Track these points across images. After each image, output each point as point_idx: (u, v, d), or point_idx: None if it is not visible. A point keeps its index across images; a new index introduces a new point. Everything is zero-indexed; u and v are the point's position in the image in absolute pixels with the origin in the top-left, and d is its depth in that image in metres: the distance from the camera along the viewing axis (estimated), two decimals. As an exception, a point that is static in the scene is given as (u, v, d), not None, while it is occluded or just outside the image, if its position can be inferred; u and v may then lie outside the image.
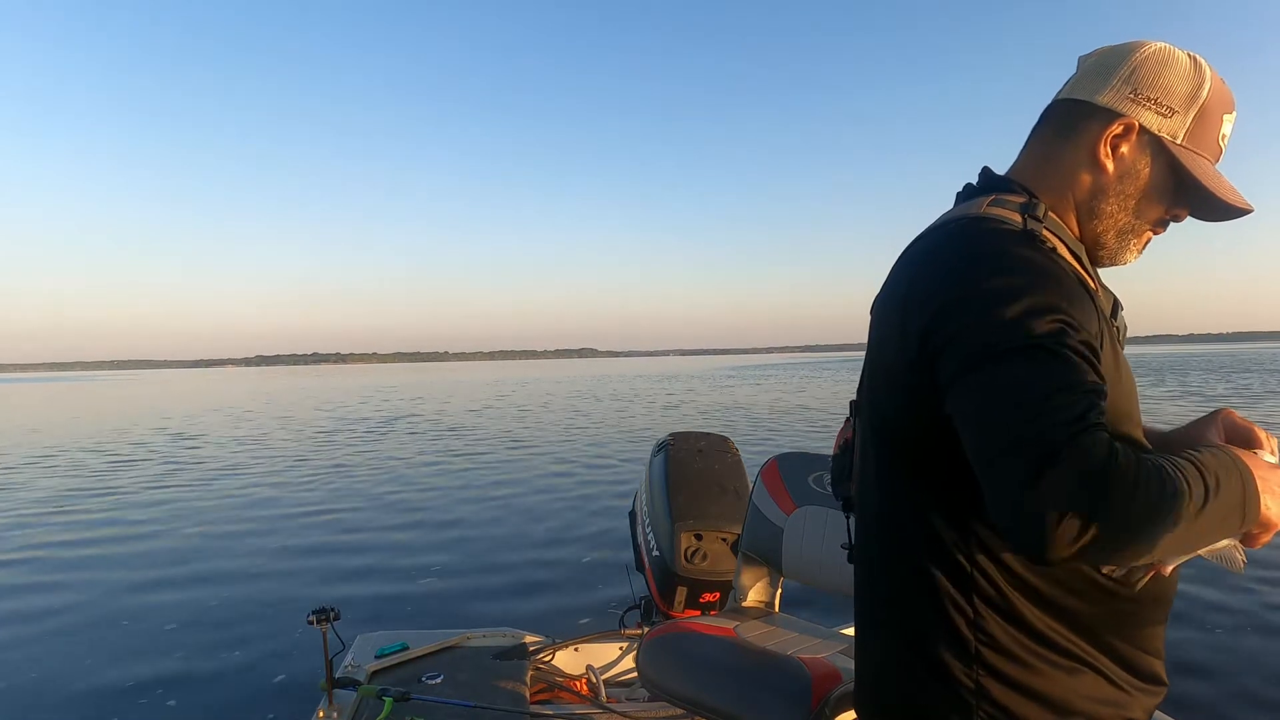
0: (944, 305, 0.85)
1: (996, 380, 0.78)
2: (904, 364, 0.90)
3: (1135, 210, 0.96)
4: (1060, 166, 0.97)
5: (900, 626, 0.97)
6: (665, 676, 1.82)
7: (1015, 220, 0.91)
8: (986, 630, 0.89)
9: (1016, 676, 0.89)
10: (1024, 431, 0.75)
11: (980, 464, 0.79)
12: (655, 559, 2.70)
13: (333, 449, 13.94)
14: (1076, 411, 0.75)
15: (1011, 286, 0.81)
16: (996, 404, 0.78)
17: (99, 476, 11.07)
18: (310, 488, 9.73)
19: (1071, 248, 0.94)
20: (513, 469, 11.06)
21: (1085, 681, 0.90)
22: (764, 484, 2.27)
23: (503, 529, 7.19)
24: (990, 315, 0.80)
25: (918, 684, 0.95)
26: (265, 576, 5.70)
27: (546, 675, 2.59)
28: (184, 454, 13.68)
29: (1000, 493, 0.76)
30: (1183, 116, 0.92)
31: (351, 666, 2.43)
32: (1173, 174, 0.94)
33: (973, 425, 0.80)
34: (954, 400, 0.83)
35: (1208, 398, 20.95)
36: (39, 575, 5.88)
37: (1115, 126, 0.93)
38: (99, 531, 7.40)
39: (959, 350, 0.82)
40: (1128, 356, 1.00)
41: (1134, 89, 0.93)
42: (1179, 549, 0.82)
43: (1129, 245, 0.98)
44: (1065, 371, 0.77)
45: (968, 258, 0.87)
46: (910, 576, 0.94)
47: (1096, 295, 0.92)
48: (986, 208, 0.93)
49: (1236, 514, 0.81)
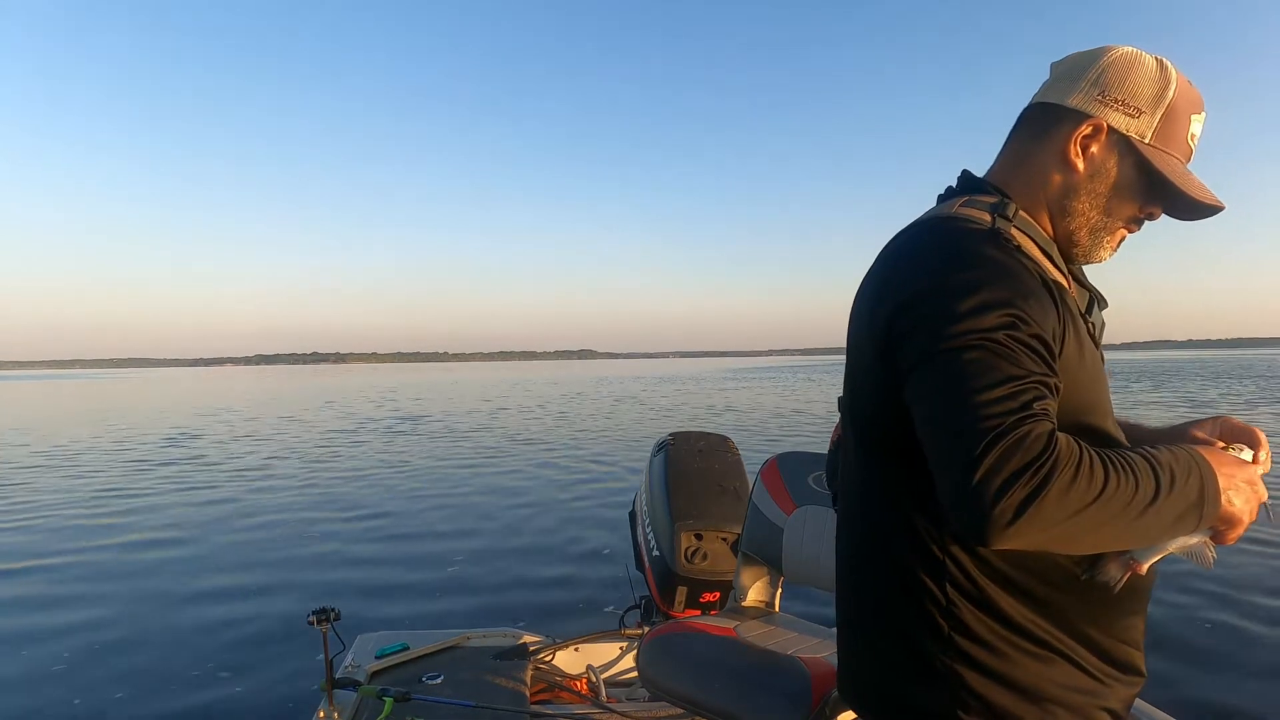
0: (906, 299, 0.89)
1: (947, 371, 0.82)
2: (873, 357, 0.94)
3: (1106, 208, 0.99)
4: (1033, 167, 1.01)
5: (877, 616, 1.00)
6: (665, 676, 1.82)
7: (984, 220, 0.94)
8: (960, 619, 0.92)
9: (991, 664, 0.91)
10: (967, 418, 0.79)
11: (929, 450, 0.84)
12: (655, 559, 2.70)
13: (332, 449, 13.93)
14: (1019, 402, 0.79)
15: (969, 282, 0.85)
16: (944, 393, 0.82)
17: (98, 475, 11.05)
18: (310, 488, 9.72)
19: (1042, 246, 0.98)
20: (512, 469, 11.06)
21: (1059, 670, 0.92)
22: (764, 484, 2.27)
23: (503, 529, 7.19)
24: (946, 309, 0.84)
25: (895, 672, 0.97)
26: (265, 576, 5.69)
27: (547, 675, 2.59)
28: (185, 453, 13.66)
29: (944, 476, 0.81)
30: (1150, 117, 0.95)
31: (352, 667, 2.43)
32: (1142, 172, 0.96)
33: (925, 415, 0.85)
34: (910, 390, 0.87)
35: (1197, 403, 20.92)
36: (39, 571, 5.88)
37: (1084, 127, 0.97)
38: (99, 531, 7.39)
39: (916, 342, 0.87)
40: (1125, 360, 1.01)
41: (1102, 91, 0.96)
42: (1134, 542, 0.85)
43: (1102, 242, 1.01)
44: (1011, 364, 0.81)
45: (931, 254, 0.91)
46: (885, 566, 0.98)
47: (1066, 292, 0.94)
48: (958, 208, 0.98)
49: (1194, 511, 0.84)
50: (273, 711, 3.46)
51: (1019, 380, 0.80)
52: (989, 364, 0.81)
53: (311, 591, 5.29)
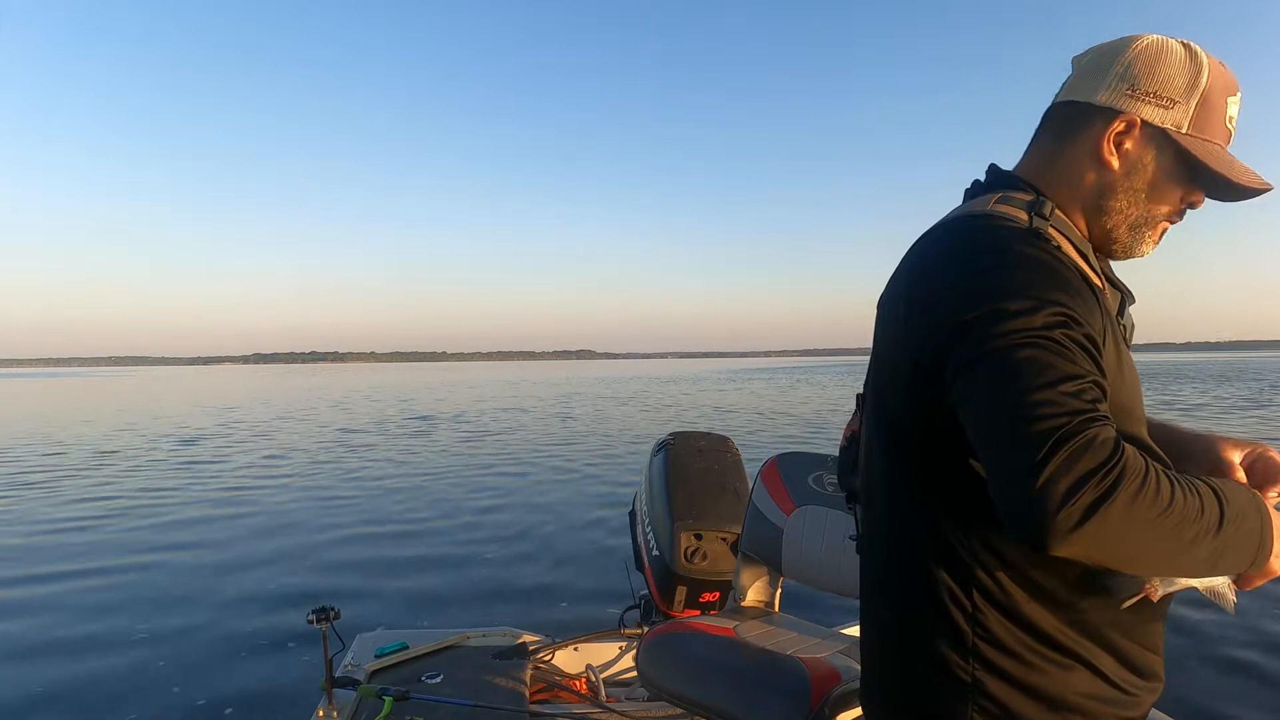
0: (949, 301, 0.85)
1: (1001, 371, 0.79)
2: (908, 360, 0.90)
3: (1146, 203, 0.96)
4: (1065, 167, 0.98)
5: (902, 620, 0.98)
6: (665, 676, 1.82)
7: (1021, 218, 0.92)
8: (985, 626, 0.90)
9: (1014, 672, 0.89)
10: (1030, 418, 0.75)
11: (987, 451, 0.80)
12: (655, 558, 2.70)
13: (332, 449, 13.93)
14: (1084, 401, 0.76)
15: (1016, 282, 0.82)
16: (1003, 395, 0.78)
17: (97, 475, 11.05)
18: (309, 487, 9.71)
19: (1078, 246, 0.95)
20: (512, 468, 11.06)
21: (1082, 679, 0.90)
22: (764, 484, 2.27)
23: (502, 528, 7.19)
24: (996, 308, 0.81)
25: (917, 677, 0.96)
26: (264, 575, 5.69)
27: (546, 675, 2.59)
28: (185, 453, 13.66)
29: (1005, 479, 0.77)
30: (1185, 106, 0.92)
31: (351, 666, 2.43)
32: (1182, 163, 0.94)
33: (980, 415, 0.81)
34: (959, 392, 0.83)
35: (1188, 405, 20.89)
36: (40, 571, 5.88)
37: (1117, 124, 0.94)
38: (98, 531, 7.39)
39: (965, 344, 0.82)
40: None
41: (1131, 85, 0.93)
42: (1180, 570, 0.82)
43: (1143, 238, 0.99)
44: (1069, 362, 0.78)
45: (972, 254, 0.88)
46: (912, 570, 0.95)
47: (1102, 293, 0.92)
48: (994, 205, 0.94)
49: (1249, 553, 0.83)
50: (272, 710, 3.46)
51: (1079, 379, 0.77)
52: (1046, 362, 0.77)
53: (311, 591, 5.29)
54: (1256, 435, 10.54)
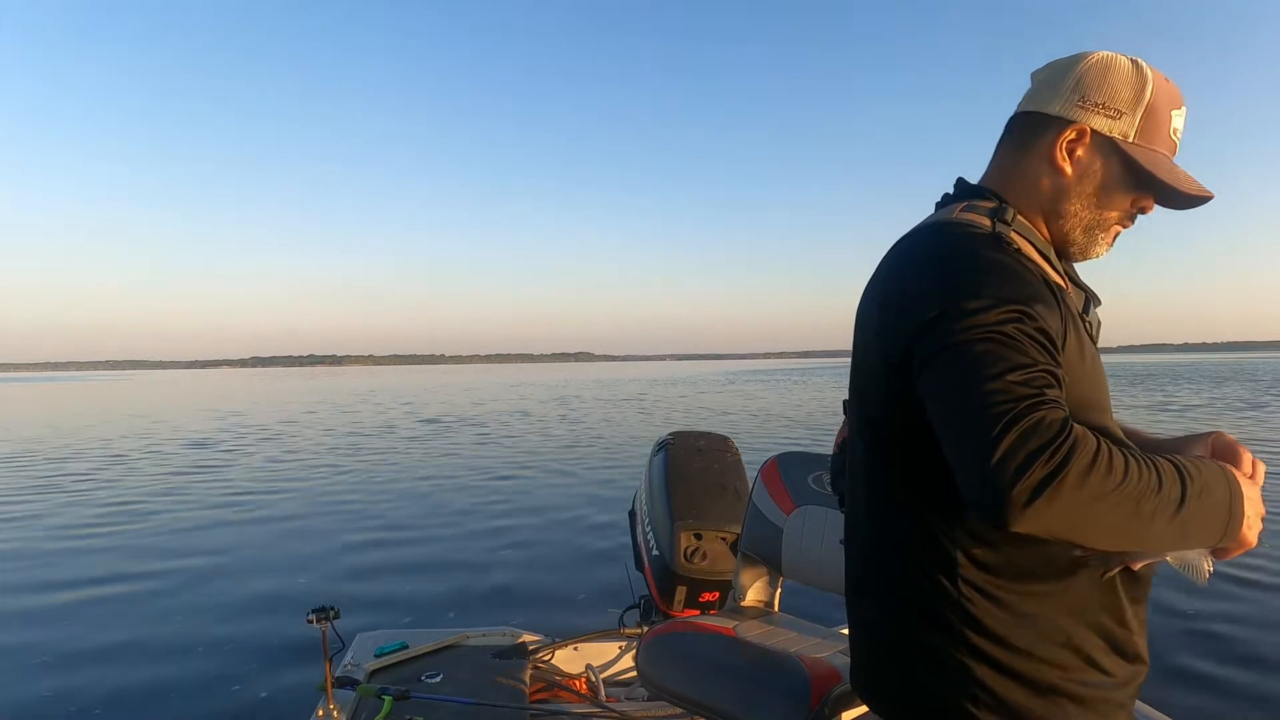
0: (916, 302, 0.91)
1: (959, 364, 0.84)
2: (883, 359, 0.96)
3: (1097, 207, 1.02)
4: (1024, 174, 1.04)
5: (889, 609, 1.02)
6: (665, 676, 1.82)
7: (985, 224, 0.97)
8: (971, 613, 0.93)
9: (1000, 658, 0.93)
10: (982, 405, 0.80)
11: (947, 439, 0.85)
12: (655, 558, 2.70)
13: (330, 449, 13.92)
14: (1033, 387, 0.81)
15: (974, 283, 0.88)
16: (959, 386, 0.84)
17: (97, 475, 11.04)
18: (308, 487, 9.72)
19: (1040, 249, 1.00)
20: (512, 468, 11.06)
21: (1069, 662, 0.93)
22: (764, 483, 2.27)
23: (502, 528, 7.19)
24: (954, 308, 0.87)
25: (907, 665, 0.99)
26: (264, 575, 5.70)
27: (546, 674, 2.59)
28: (186, 452, 13.65)
29: (963, 464, 0.82)
30: (1131, 117, 0.99)
31: (351, 666, 2.43)
32: (1129, 170, 1.00)
33: (941, 406, 0.86)
34: (924, 386, 0.89)
35: (1184, 407, 20.89)
36: (40, 570, 5.87)
37: (1069, 133, 1.00)
38: (99, 531, 7.39)
39: (928, 341, 0.88)
40: (1121, 363, 1.02)
41: (1082, 96, 1.00)
42: (1156, 543, 0.85)
43: (1096, 239, 1.05)
44: (1019, 353, 0.83)
45: (937, 258, 0.95)
46: (897, 562, 1.00)
47: (1065, 292, 0.98)
48: (959, 213, 1.00)
49: (1219, 525, 0.86)
50: (272, 710, 3.46)
51: (1029, 368, 0.82)
52: (998, 354, 0.83)
53: (311, 590, 5.29)
54: (1251, 436, 10.41)
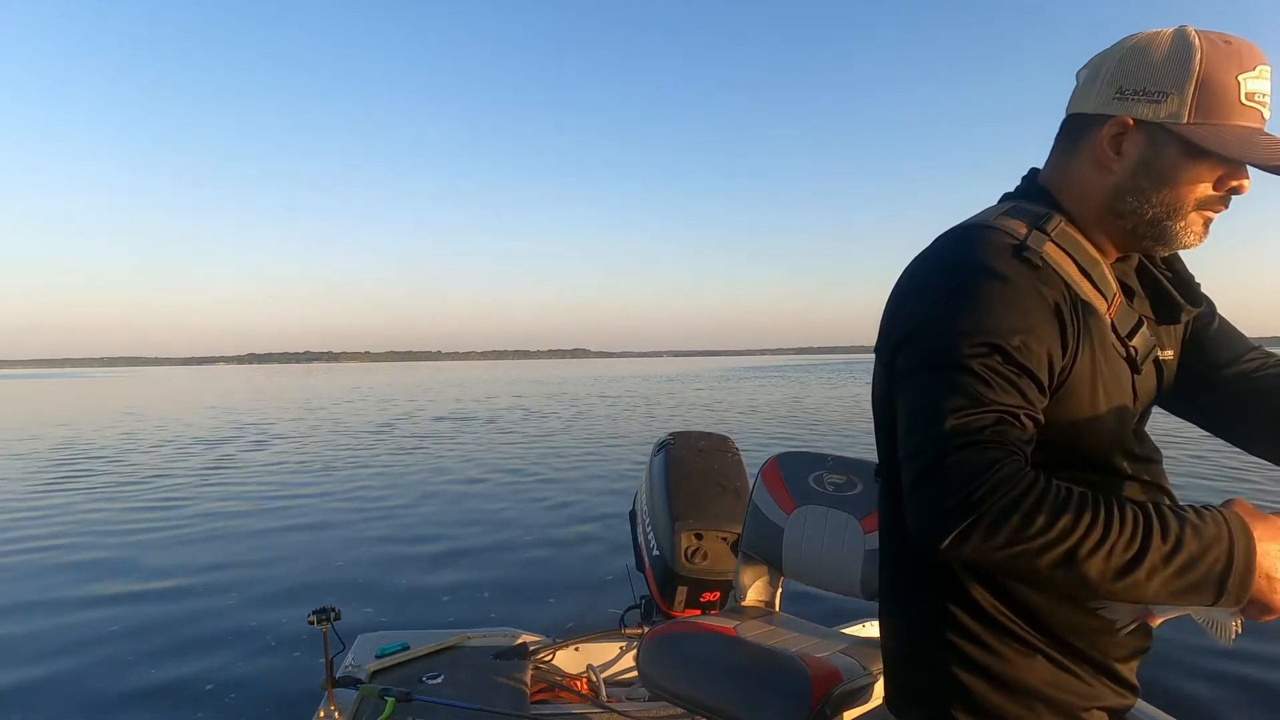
0: (909, 312, 0.94)
1: (920, 389, 0.86)
2: (882, 362, 0.99)
3: (1162, 200, 0.93)
4: (1075, 179, 0.99)
5: (896, 612, 1.06)
6: (665, 676, 1.82)
7: (1020, 231, 0.92)
8: (948, 613, 0.97)
9: (976, 658, 0.95)
10: (921, 440, 0.82)
11: (900, 468, 0.88)
12: (655, 558, 2.70)
13: (331, 450, 13.91)
14: (972, 428, 0.80)
15: (965, 303, 0.87)
16: (912, 412, 0.86)
17: (96, 475, 11.03)
18: (308, 488, 9.71)
19: (1082, 264, 0.94)
20: (512, 468, 11.05)
21: (1042, 668, 0.95)
22: (764, 483, 2.27)
23: (502, 528, 7.18)
24: (936, 328, 0.88)
25: (899, 661, 1.05)
26: (265, 576, 5.69)
27: (547, 675, 2.59)
28: (186, 452, 13.64)
29: (904, 497, 0.85)
30: (1179, 95, 0.88)
31: (352, 666, 2.43)
32: (1189, 154, 0.90)
33: (901, 426, 0.89)
34: (895, 389, 0.93)
35: None
36: (40, 571, 5.87)
37: (1110, 129, 0.93)
38: (99, 529, 7.38)
39: (905, 356, 0.91)
40: None
41: (1118, 88, 0.92)
42: (1118, 595, 0.78)
43: (1171, 231, 0.94)
44: (976, 390, 0.82)
45: (942, 269, 0.93)
46: (894, 561, 1.05)
47: (1092, 313, 0.92)
48: (999, 217, 0.96)
49: (1209, 587, 0.77)
50: (273, 710, 3.46)
51: (978, 408, 0.82)
52: (954, 388, 0.83)
53: (312, 591, 5.29)
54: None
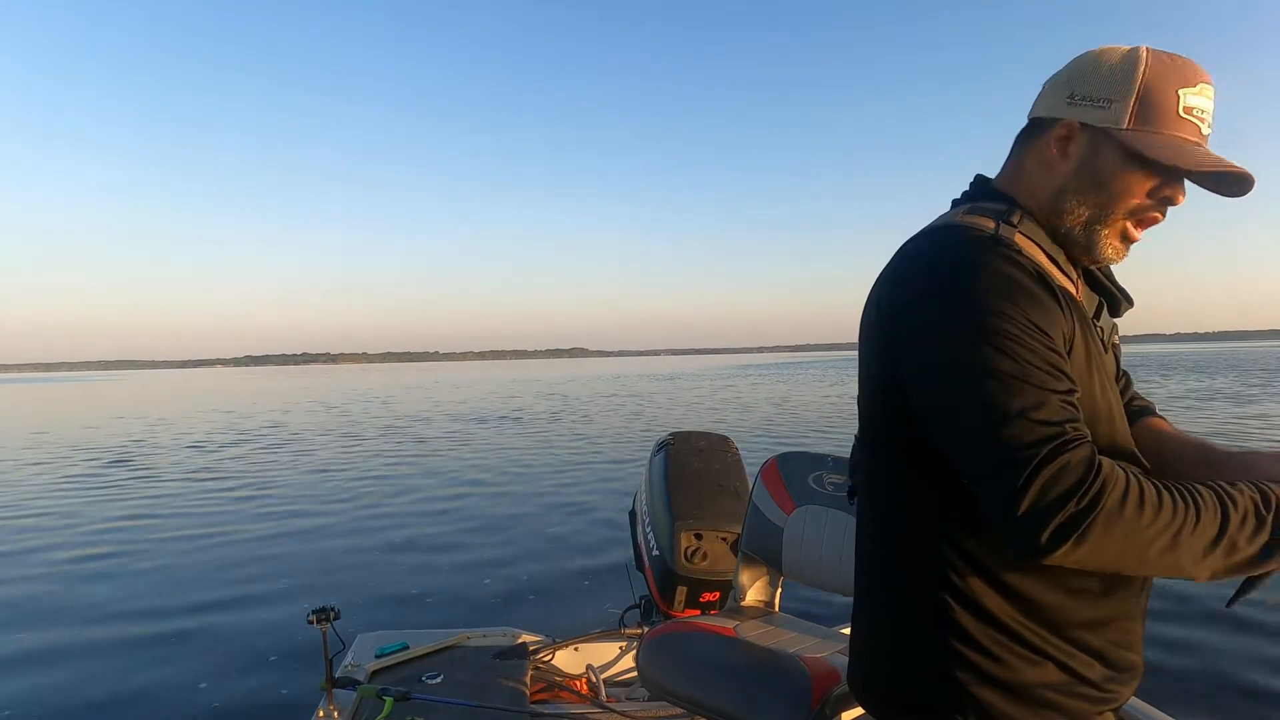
0: (909, 309, 0.92)
1: (976, 399, 0.83)
2: (879, 364, 0.97)
3: (1097, 202, 0.98)
4: (1025, 179, 1.04)
5: (883, 612, 1.04)
6: (665, 676, 1.82)
7: (988, 227, 0.96)
8: (953, 619, 0.94)
9: (983, 666, 0.93)
10: (1003, 448, 0.81)
11: (969, 478, 0.86)
12: (655, 558, 2.70)
13: (331, 450, 13.91)
14: (1054, 425, 0.81)
15: (972, 289, 0.87)
16: (976, 425, 0.83)
17: (97, 475, 11.02)
18: (308, 488, 9.71)
19: (1049, 253, 1.00)
20: (511, 468, 11.05)
21: (1052, 674, 0.93)
22: (764, 483, 2.27)
23: (502, 528, 7.19)
24: (951, 319, 0.87)
25: (898, 670, 1.01)
26: (265, 575, 5.69)
27: (546, 675, 2.59)
28: (185, 452, 13.63)
29: (992, 509, 0.83)
30: (1121, 103, 0.94)
31: (351, 666, 2.43)
32: (1125, 158, 0.95)
33: (946, 426, 0.87)
34: (921, 399, 0.90)
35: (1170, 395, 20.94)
36: (42, 569, 5.87)
37: (1058, 130, 0.99)
38: (100, 529, 7.38)
39: (922, 354, 0.89)
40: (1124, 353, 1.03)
41: (1070, 93, 0.99)
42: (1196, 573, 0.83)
43: (1100, 237, 1.00)
44: (1030, 386, 0.82)
45: (933, 264, 0.94)
46: (891, 565, 1.01)
47: (1073, 298, 0.97)
48: (963, 216, 1.00)
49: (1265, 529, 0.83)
50: (272, 710, 3.46)
51: (1042, 407, 0.82)
52: (1011, 390, 0.82)
53: (311, 590, 5.29)
54: (1243, 430, 10.38)
